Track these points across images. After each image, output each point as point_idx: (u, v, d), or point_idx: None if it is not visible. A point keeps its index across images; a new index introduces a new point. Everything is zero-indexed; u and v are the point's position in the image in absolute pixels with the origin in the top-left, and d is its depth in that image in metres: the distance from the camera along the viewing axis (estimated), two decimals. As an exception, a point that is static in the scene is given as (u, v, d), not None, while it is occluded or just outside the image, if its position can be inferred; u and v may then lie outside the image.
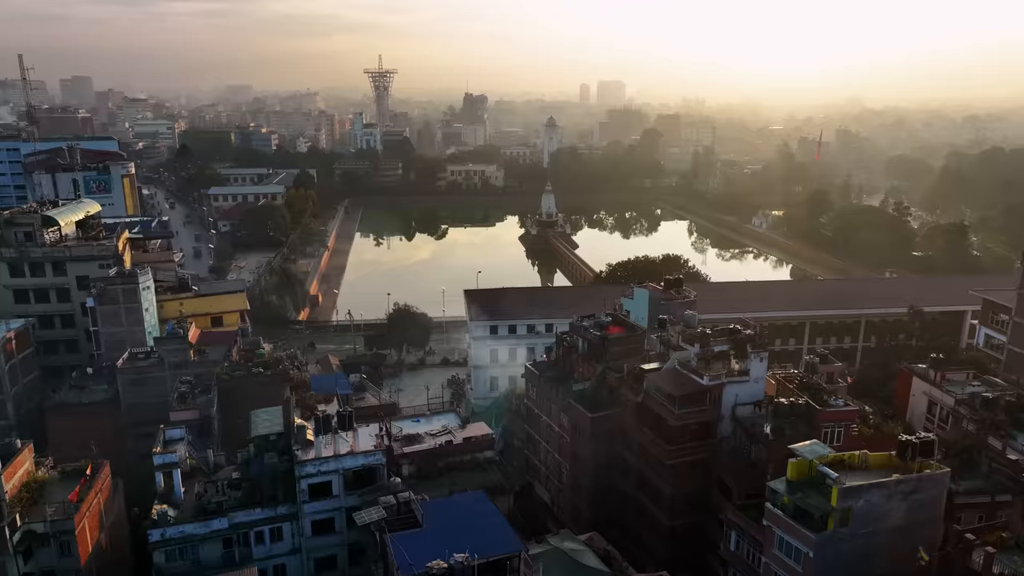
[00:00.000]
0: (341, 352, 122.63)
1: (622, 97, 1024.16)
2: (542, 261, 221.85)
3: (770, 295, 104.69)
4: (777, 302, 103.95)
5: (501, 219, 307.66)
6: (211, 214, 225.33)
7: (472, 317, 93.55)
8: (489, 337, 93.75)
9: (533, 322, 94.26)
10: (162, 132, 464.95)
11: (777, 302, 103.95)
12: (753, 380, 54.60)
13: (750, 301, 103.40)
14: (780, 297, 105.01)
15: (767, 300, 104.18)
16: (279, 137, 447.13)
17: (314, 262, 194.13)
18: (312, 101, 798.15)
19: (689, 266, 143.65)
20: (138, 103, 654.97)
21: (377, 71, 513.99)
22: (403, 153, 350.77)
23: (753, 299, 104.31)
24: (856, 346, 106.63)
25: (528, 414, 71.71)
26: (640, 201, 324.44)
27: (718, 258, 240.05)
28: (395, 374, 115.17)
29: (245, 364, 69.68)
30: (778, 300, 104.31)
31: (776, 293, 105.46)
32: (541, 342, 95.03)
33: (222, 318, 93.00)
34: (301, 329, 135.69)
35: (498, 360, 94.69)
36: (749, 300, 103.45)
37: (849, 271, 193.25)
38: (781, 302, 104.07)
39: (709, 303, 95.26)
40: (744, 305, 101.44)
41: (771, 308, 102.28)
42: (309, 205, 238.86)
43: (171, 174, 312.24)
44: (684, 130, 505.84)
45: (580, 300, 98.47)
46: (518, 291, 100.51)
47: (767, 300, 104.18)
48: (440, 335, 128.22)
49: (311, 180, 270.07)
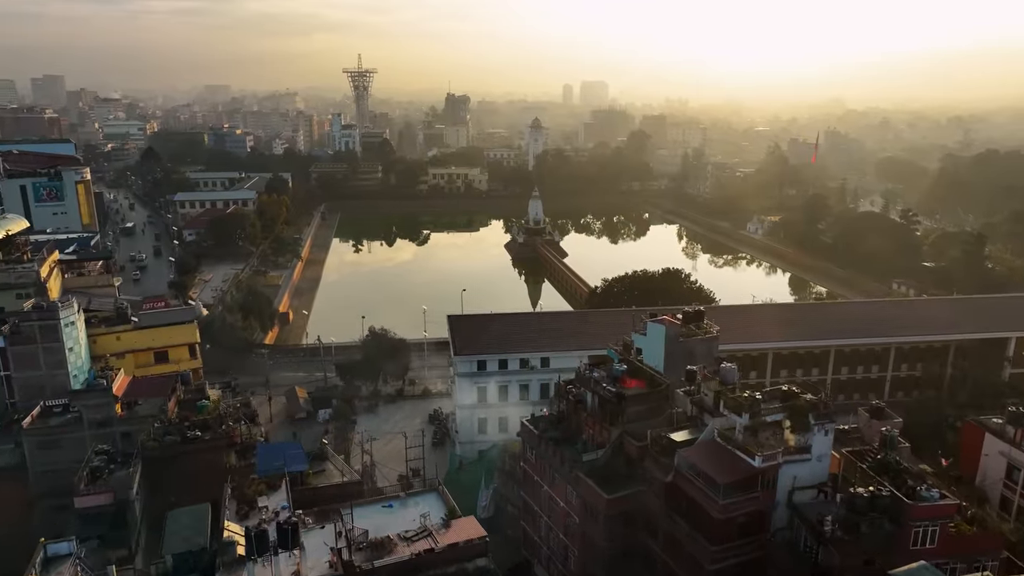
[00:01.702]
0: (310, 383, 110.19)
1: (605, 97, 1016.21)
2: (529, 270, 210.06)
3: (790, 319, 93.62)
4: (798, 327, 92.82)
5: (485, 223, 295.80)
6: (176, 222, 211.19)
7: (457, 350, 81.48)
8: (476, 374, 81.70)
9: (527, 356, 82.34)
10: (133, 133, 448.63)
11: (798, 327, 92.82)
12: (816, 459, 43.19)
13: (768, 326, 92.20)
14: (801, 321, 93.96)
15: (787, 324, 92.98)
16: (255, 138, 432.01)
17: (286, 274, 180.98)
18: (291, 101, 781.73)
19: (691, 281, 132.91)
20: (110, 103, 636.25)
21: (356, 70, 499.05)
22: (383, 155, 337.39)
23: (771, 323, 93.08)
24: (884, 375, 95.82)
25: (525, 479, 59.85)
26: (628, 205, 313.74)
27: (710, 264, 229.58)
28: (371, 408, 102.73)
29: (181, 424, 57.07)
30: (799, 325, 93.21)
31: (796, 317, 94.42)
32: (536, 378, 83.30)
33: (167, 353, 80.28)
34: (267, 354, 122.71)
35: (486, 399, 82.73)
36: (766, 325, 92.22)
37: (852, 281, 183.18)
38: (803, 327, 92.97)
39: (723, 330, 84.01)
40: (762, 331, 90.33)
41: (793, 335, 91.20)
42: (282, 212, 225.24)
43: (138, 178, 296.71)
44: (670, 131, 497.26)
45: (579, 329, 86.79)
46: (508, 318, 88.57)
47: (787, 324, 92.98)
48: (421, 358, 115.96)
49: (285, 185, 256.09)
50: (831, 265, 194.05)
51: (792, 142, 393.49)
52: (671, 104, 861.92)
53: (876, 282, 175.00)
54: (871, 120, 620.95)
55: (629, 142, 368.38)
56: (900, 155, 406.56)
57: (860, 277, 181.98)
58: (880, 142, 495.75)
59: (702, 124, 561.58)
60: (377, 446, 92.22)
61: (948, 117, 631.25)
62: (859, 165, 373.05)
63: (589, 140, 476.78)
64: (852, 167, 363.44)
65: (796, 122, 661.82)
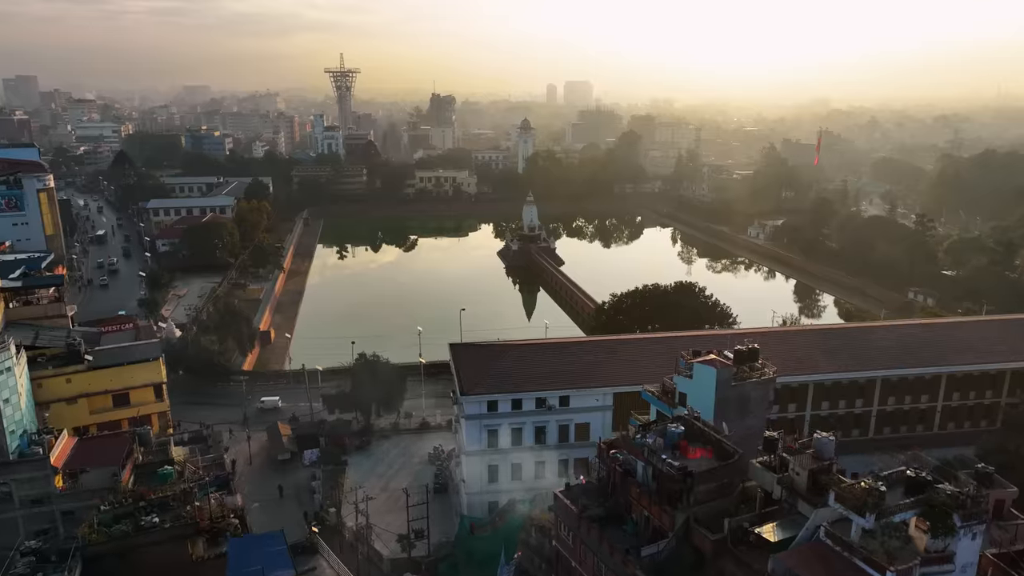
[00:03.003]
0: (293, 408, 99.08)
1: (589, 97, 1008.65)
2: (523, 279, 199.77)
3: (832, 346, 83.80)
4: (842, 355, 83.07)
5: (474, 228, 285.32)
6: (149, 231, 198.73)
7: (463, 389, 70.88)
8: (486, 416, 71.21)
9: (544, 394, 71.95)
10: (107, 135, 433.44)
11: (842, 355, 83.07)
12: (960, 569, 33.27)
13: (807, 352, 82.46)
14: (843, 348, 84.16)
15: (829, 352, 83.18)
16: (234, 141, 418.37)
17: (267, 287, 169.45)
18: (272, 102, 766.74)
19: (706, 296, 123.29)
20: (84, 104, 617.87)
21: (339, 70, 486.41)
22: (368, 158, 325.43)
23: (811, 350, 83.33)
24: (935, 405, 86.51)
25: (558, 562, 49.46)
26: (622, 208, 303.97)
27: (709, 270, 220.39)
28: (362, 446, 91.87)
29: (135, 504, 46.05)
30: (842, 352, 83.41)
31: (838, 343, 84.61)
32: (554, 419, 72.99)
33: (128, 395, 69.06)
34: (246, 381, 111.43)
35: (497, 444, 72.29)
36: (806, 352, 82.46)
37: (863, 289, 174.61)
38: (846, 355, 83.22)
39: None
40: (803, 359, 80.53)
41: (837, 364, 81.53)
42: (263, 219, 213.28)
43: (110, 183, 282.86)
44: (659, 131, 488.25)
45: (603, 360, 76.40)
46: (519, 349, 77.99)
47: (829, 352, 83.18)
48: (416, 384, 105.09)
49: (265, 190, 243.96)
50: (840, 272, 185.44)
51: (786, 142, 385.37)
52: (656, 104, 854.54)
53: (890, 291, 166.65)
54: (858, 120, 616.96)
55: (620, 143, 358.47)
56: (893, 155, 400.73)
57: (871, 285, 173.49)
58: (870, 142, 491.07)
59: (691, 124, 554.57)
60: (373, 491, 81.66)
61: (934, 116, 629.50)
62: (853, 166, 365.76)
63: (577, 141, 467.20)
64: (846, 168, 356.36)
65: (784, 122, 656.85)
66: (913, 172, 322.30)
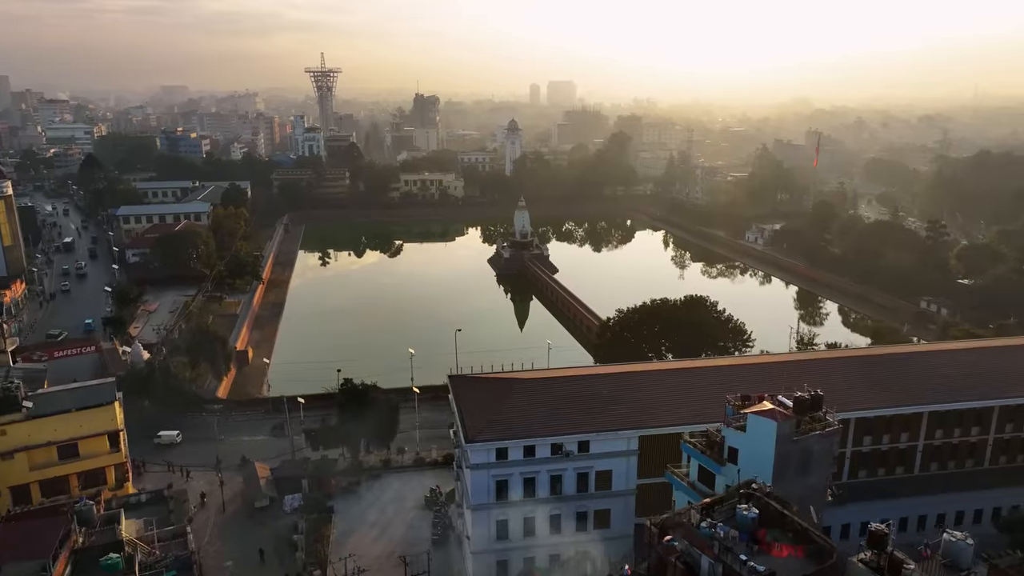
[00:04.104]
0: (272, 452, 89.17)
1: (573, 97, 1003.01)
2: (515, 289, 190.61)
3: (875, 376, 75.16)
4: (887, 387, 74.51)
5: (462, 232, 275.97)
6: (119, 240, 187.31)
7: (468, 435, 61.56)
8: (494, 465, 61.93)
9: (560, 439, 62.79)
10: (79, 137, 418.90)
11: (887, 387, 74.51)
12: None
13: (847, 382, 73.81)
14: (888, 378, 75.56)
15: (872, 384, 74.58)
16: (211, 142, 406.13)
17: (245, 299, 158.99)
18: (251, 103, 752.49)
19: (719, 311, 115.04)
20: (57, 104, 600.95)
21: (319, 70, 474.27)
22: (350, 160, 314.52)
23: (850, 380, 74.66)
24: (986, 438, 78.22)
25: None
26: (613, 211, 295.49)
27: (704, 275, 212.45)
28: (351, 488, 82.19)
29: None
30: (887, 383, 74.85)
31: (882, 372, 75.86)
32: (572, 467, 63.84)
33: (77, 446, 59.04)
34: (220, 410, 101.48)
35: (507, 497, 63.08)
36: (846, 382, 73.79)
37: (870, 297, 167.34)
38: (891, 386, 74.67)
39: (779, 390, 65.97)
40: (844, 392, 71.76)
41: (883, 398, 73.02)
42: (240, 226, 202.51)
43: (79, 188, 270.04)
44: (646, 132, 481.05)
45: (623, 394, 67.35)
46: (527, 382, 68.58)
47: (872, 384, 74.58)
48: (409, 411, 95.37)
49: (243, 195, 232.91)
50: (844, 279, 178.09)
51: (777, 143, 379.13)
52: (640, 104, 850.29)
53: (900, 300, 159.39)
54: (843, 120, 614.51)
55: (610, 144, 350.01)
56: (883, 156, 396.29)
57: (879, 293, 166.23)
58: (858, 142, 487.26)
59: (677, 125, 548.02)
60: (363, 543, 72.55)
61: (918, 117, 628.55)
62: (844, 167, 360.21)
63: (563, 141, 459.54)
64: (837, 169, 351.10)
65: (769, 121, 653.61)
66: (906, 173, 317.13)
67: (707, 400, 67.08)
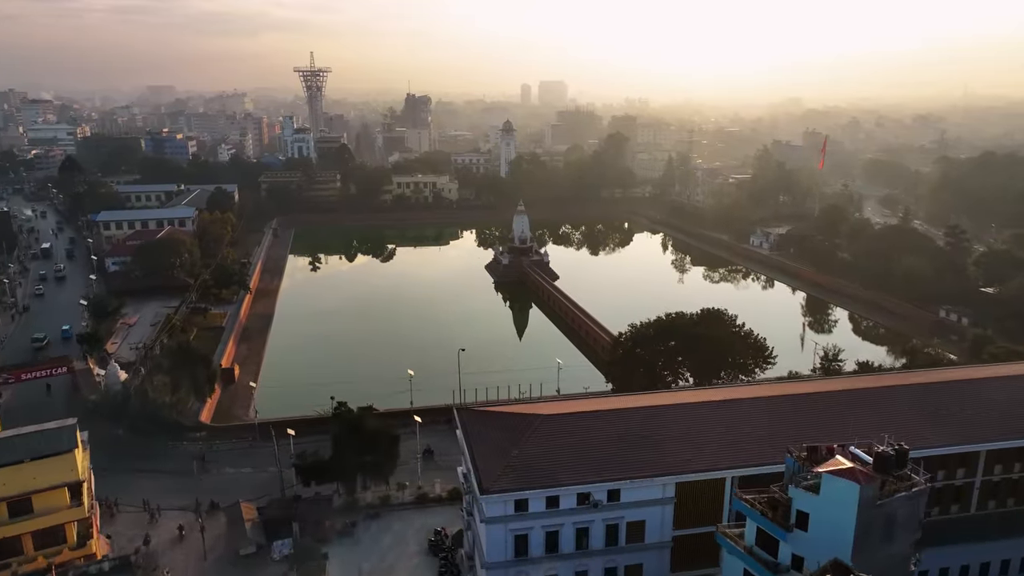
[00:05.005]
0: (259, 488, 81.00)
1: (564, 97, 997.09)
2: (514, 296, 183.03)
3: (929, 408, 67.69)
4: (942, 419, 67.21)
5: (456, 236, 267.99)
6: (99, 247, 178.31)
7: (483, 485, 53.76)
8: (512, 518, 54.23)
9: (588, 488, 55.13)
10: (61, 138, 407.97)
11: (942, 419, 67.21)
12: None
13: (901, 415, 66.52)
14: (942, 409, 68.19)
15: (926, 416, 67.15)
16: (198, 143, 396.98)
17: (231, 310, 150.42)
18: (239, 103, 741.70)
19: (738, 325, 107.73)
20: (40, 104, 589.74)
21: (309, 69, 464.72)
22: (341, 162, 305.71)
23: (904, 411, 67.32)
24: (1048, 473, 71.11)
25: None
26: (611, 214, 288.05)
27: (706, 280, 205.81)
28: (346, 531, 74.22)
29: None
30: (943, 416, 67.52)
31: (935, 402, 68.42)
32: (600, 518, 56.17)
33: (31, 501, 50.96)
34: (203, 438, 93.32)
35: (528, 553, 55.41)
36: (897, 415, 66.48)
37: (883, 304, 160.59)
38: (946, 418, 67.41)
39: (843, 424, 58.77)
40: (897, 428, 64.32)
41: (940, 436, 65.60)
42: (227, 232, 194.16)
43: (60, 191, 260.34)
44: (640, 132, 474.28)
45: (655, 431, 59.72)
46: (546, 419, 60.70)
47: (926, 416, 67.15)
48: (409, 437, 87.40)
49: (230, 199, 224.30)
50: (856, 286, 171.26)
51: (776, 144, 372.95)
52: (632, 104, 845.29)
53: (917, 308, 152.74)
54: (836, 120, 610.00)
55: (607, 145, 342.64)
56: (881, 156, 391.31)
57: (893, 300, 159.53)
58: (855, 142, 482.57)
59: (672, 125, 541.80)
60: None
61: (912, 117, 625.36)
62: (843, 168, 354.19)
63: (557, 142, 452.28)
64: (836, 170, 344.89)
65: (763, 121, 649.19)
66: (907, 175, 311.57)
67: (751, 439, 59.74)
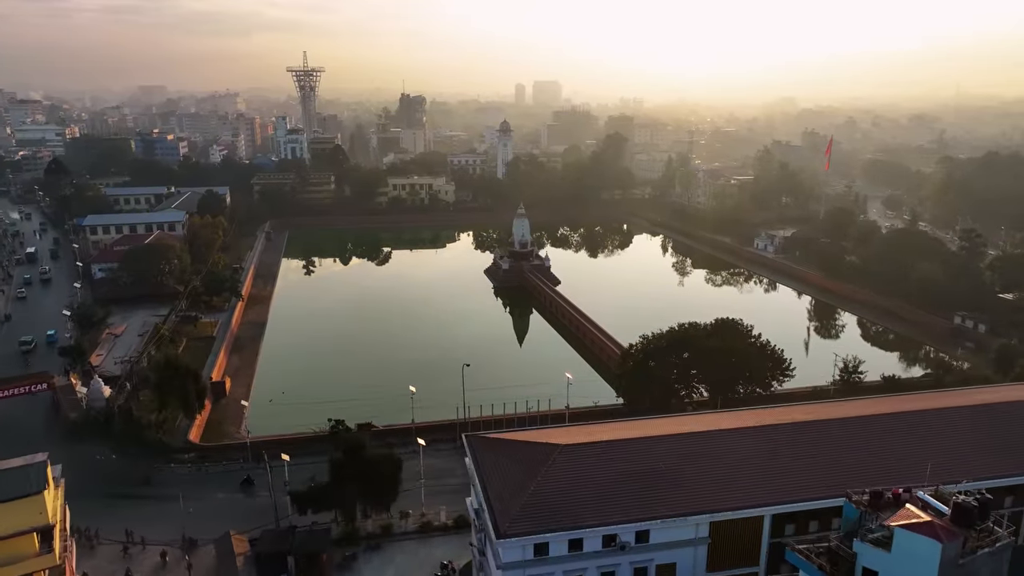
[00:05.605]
0: (251, 515, 75.52)
1: (559, 97, 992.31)
2: (514, 302, 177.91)
3: (978, 429, 62.65)
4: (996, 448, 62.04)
5: (453, 239, 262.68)
6: (86, 253, 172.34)
7: (499, 528, 48.53)
8: (531, 563, 49.06)
9: (614, 529, 49.98)
10: (50, 139, 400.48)
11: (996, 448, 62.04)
12: None
13: (950, 443, 61.46)
14: (988, 430, 63.26)
15: (977, 445, 61.98)
16: (190, 144, 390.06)
17: (223, 319, 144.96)
18: (231, 103, 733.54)
19: (755, 336, 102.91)
20: (29, 104, 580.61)
21: (302, 69, 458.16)
22: (336, 164, 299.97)
23: (953, 439, 62.02)
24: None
25: None
26: (610, 216, 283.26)
27: (707, 283, 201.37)
28: (346, 564, 69.02)
29: None
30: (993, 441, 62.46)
31: (983, 425, 63.43)
32: (627, 561, 51.05)
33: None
34: (191, 460, 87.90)
35: (548, 599, 50.13)
36: (948, 443, 61.42)
37: (895, 310, 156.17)
38: (1002, 448, 62.21)
39: (896, 462, 53.80)
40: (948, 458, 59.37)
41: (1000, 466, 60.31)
42: (218, 236, 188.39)
43: (46, 194, 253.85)
44: (637, 133, 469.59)
45: (685, 464, 54.64)
46: (565, 449, 55.48)
47: (977, 445, 61.98)
48: (411, 458, 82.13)
49: (221, 202, 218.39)
50: (866, 291, 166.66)
51: (776, 144, 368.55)
52: (627, 104, 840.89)
53: (930, 314, 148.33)
54: (831, 119, 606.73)
55: (605, 146, 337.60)
56: (879, 156, 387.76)
57: (905, 306, 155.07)
58: (852, 142, 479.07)
59: (668, 125, 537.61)
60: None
61: (908, 116, 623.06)
62: (842, 168, 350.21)
63: (553, 142, 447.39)
64: (837, 171, 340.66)
65: (758, 121, 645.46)
66: (908, 175, 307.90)
67: (791, 471, 54.71)
